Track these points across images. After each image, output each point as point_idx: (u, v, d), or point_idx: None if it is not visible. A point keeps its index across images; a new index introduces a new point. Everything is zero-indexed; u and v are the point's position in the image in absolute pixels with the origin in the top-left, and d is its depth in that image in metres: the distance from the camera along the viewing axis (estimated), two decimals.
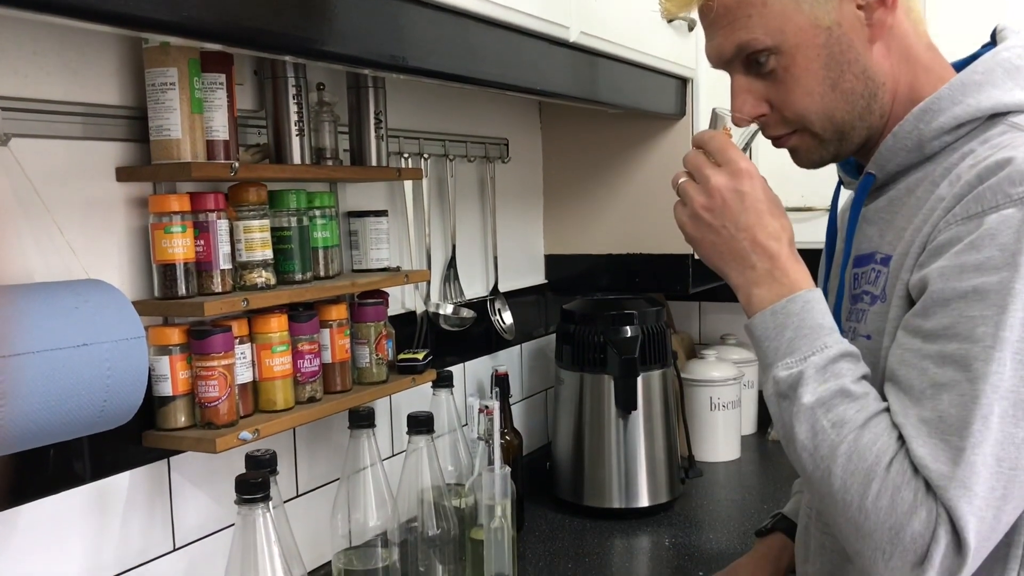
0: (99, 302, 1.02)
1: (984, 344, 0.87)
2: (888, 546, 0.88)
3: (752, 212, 1.01)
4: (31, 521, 1.10)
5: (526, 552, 1.79)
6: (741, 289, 1.02)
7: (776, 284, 0.99)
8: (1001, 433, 0.86)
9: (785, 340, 0.97)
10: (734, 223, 1.01)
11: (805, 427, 0.93)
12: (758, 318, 0.99)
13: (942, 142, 1.00)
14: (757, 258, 1.01)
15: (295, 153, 1.34)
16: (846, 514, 0.90)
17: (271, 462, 1.19)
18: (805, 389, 0.94)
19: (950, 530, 0.86)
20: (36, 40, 1.10)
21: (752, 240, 1.01)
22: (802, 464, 0.95)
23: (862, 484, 0.89)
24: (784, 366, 0.96)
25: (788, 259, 1.00)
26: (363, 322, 1.47)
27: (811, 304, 0.98)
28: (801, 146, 1.08)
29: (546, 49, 1.43)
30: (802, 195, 2.26)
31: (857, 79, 1.02)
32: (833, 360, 0.95)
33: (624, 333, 1.96)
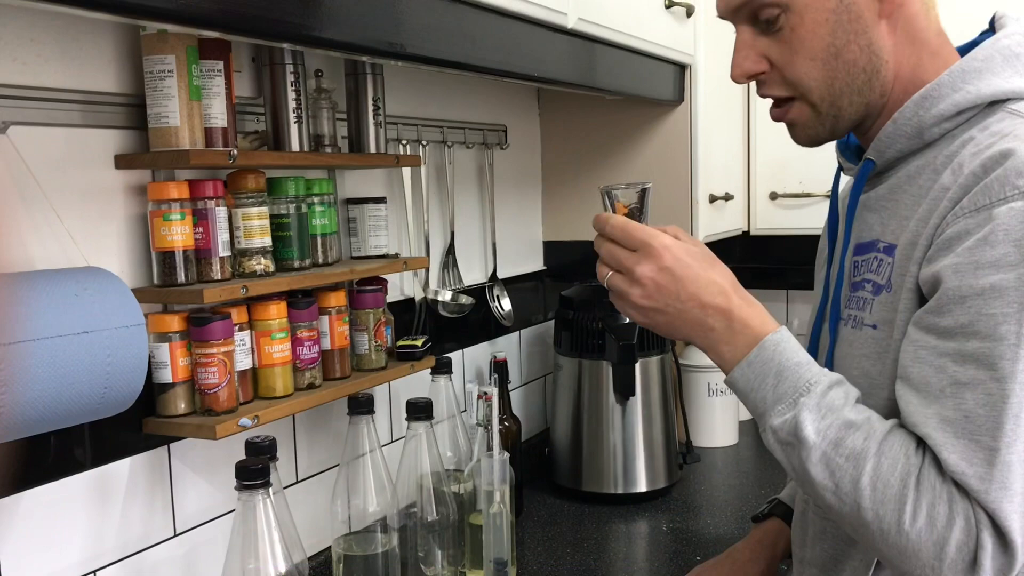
0: (99, 290, 1.02)
1: (1008, 342, 0.87)
2: (936, 561, 0.88)
3: (688, 281, 1.01)
4: (32, 507, 1.11)
5: (525, 537, 1.80)
6: (710, 351, 1.03)
7: (740, 336, 1.00)
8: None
9: (769, 387, 0.97)
10: (676, 298, 1.01)
11: (820, 468, 0.93)
12: (736, 373, 1.00)
13: (942, 129, 1.01)
14: (712, 319, 1.01)
15: (293, 140, 1.34)
16: (887, 541, 0.91)
17: (271, 448, 1.19)
18: (807, 431, 0.93)
19: (993, 532, 0.86)
20: (34, 27, 1.10)
21: (700, 305, 1.01)
22: (827, 503, 0.94)
23: (895, 510, 0.89)
24: (778, 413, 0.96)
25: (741, 308, 1.01)
26: (362, 309, 1.48)
27: (781, 345, 0.98)
28: (799, 119, 1.08)
29: (544, 35, 1.43)
30: (800, 181, 2.27)
31: (861, 51, 1.02)
32: (823, 394, 0.95)
33: (622, 319, 1.96)
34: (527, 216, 2.21)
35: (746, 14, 1.06)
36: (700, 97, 2.04)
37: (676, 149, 2.06)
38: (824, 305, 1.15)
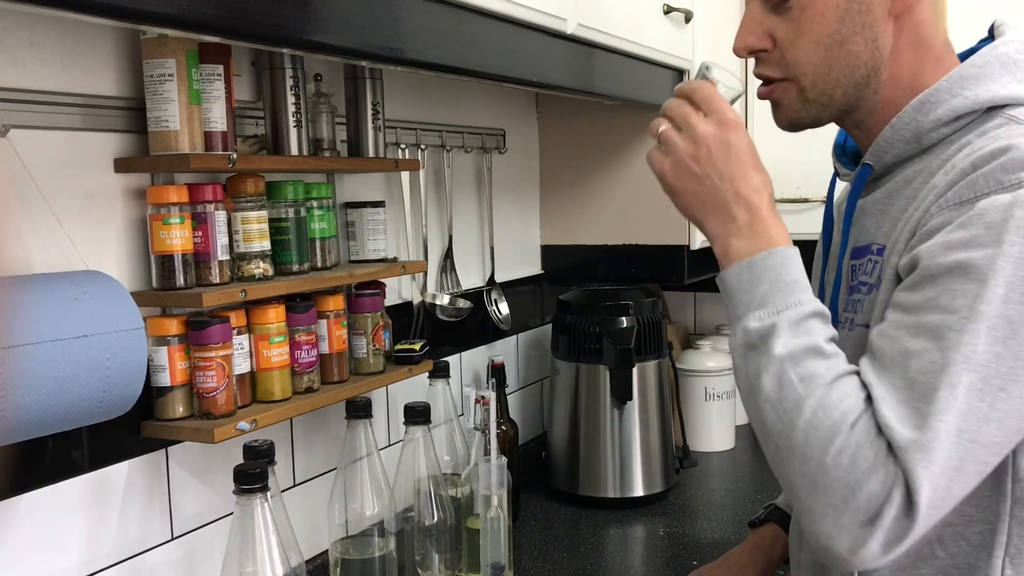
0: (98, 293, 1.03)
1: (960, 315, 0.87)
2: (841, 503, 0.88)
3: (736, 163, 1.00)
4: (30, 510, 1.11)
5: (522, 541, 1.80)
6: (719, 240, 1.01)
7: (755, 237, 0.99)
8: (966, 405, 0.86)
9: (759, 293, 0.96)
10: (718, 173, 1.00)
11: (772, 379, 0.93)
12: (734, 269, 0.99)
13: (939, 134, 1.01)
14: (739, 210, 1.00)
15: (293, 144, 1.34)
16: (803, 468, 0.90)
17: (269, 452, 1.19)
18: (777, 341, 0.93)
19: (904, 493, 0.86)
20: (34, 31, 1.10)
21: (735, 192, 1.00)
22: (763, 416, 0.94)
23: (824, 440, 0.89)
24: (756, 317, 0.95)
25: (769, 214, 1.00)
26: (360, 313, 1.48)
27: (788, 260, 0.97)
28: (784, 100, 1.08)
29: (543, 41, 1.44)
30: (798, 187, 2.27)
31: (866, 45, 1.02)
32: (806, 317, 0.94)
33: (620, 323, 1.96)
34: (525, 220, 2.22)
35: None
36: None
37: None
38: None
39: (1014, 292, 0.86)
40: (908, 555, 0.99)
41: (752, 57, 1.09)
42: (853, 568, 0.90)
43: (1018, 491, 0.94)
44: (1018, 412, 0.87)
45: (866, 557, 0.88)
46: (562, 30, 1.45)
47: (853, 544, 0.88)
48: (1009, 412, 0.87)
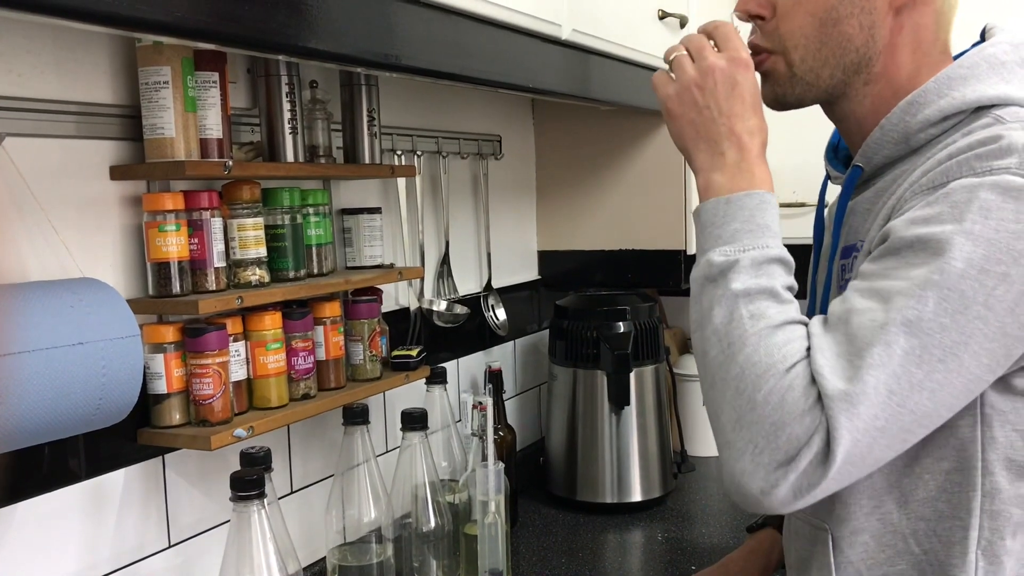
0: (94, 301, 1.03)
1: (912, 283, 0.87)
2: (763, 441, 0.88)
3: (738, 101, 1.01)
4: (27, 519, 1.11)
5: (520, 547, 1.80)
6: (703, 172, 1.02)
7: (739, 176, 0.99)
8: (901, 368, 0.86)
9: (730, 230, 0.97)
10: (718, 107, 1.01)
11: (724, 312, 0.94)
12: (711, 203, 0.99)
13: (927, 135, 1.01)
14: (729, 146, 1.00)
15: (288, 151, 1.34)
16: (734, 402, 0.91)
17: (266, 459, 1.19)
18: (736, 277, 0.94)
19: (824, 440, 0.86)
20: (30, 39, 1.10)
21: (730, 128, 1.01)
22: (707, 347, 0.95)
23: (759, 376, 0.89)
24: (721, 252, 0.96)
25: (757, 157, 1.01)
26: (357, 319, 1.48)
27: (765, 204, 0.98)
28: (774, 72, 1.08)
29: (538, 47, 1.44)
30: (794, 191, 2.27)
31: (861, 31, 1.03)
32: (770, 260, 0.95)
33: (617, 328, 1.97)
34: (522, 226, 2.22)
35: None
36: None
37: (670, 158, 2.07)
38: (811, 312, 1.16)
39: (972, 268, 0.86)
40: (884, 549, 1.00)
41: (749, 22, 1.09)
42: (763, 509, 0.91)
43: (987, 485, 0.95)
44: (954, 387, 0.87)
45: (775, 499, 0.88)
46: (557, 36, 1.45)
47: (765, 484, 0.88)
48: (944, 385, 0.87)
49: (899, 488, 0.98)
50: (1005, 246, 0.86)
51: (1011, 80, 1.00)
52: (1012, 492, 0.95)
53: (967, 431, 0.95)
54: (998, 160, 0.89)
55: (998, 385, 0.93)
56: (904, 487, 0.98)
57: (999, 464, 0.95)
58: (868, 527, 1.00)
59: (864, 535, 1.00)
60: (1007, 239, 0.86)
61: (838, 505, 1.02)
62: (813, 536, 1.06)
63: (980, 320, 0.86)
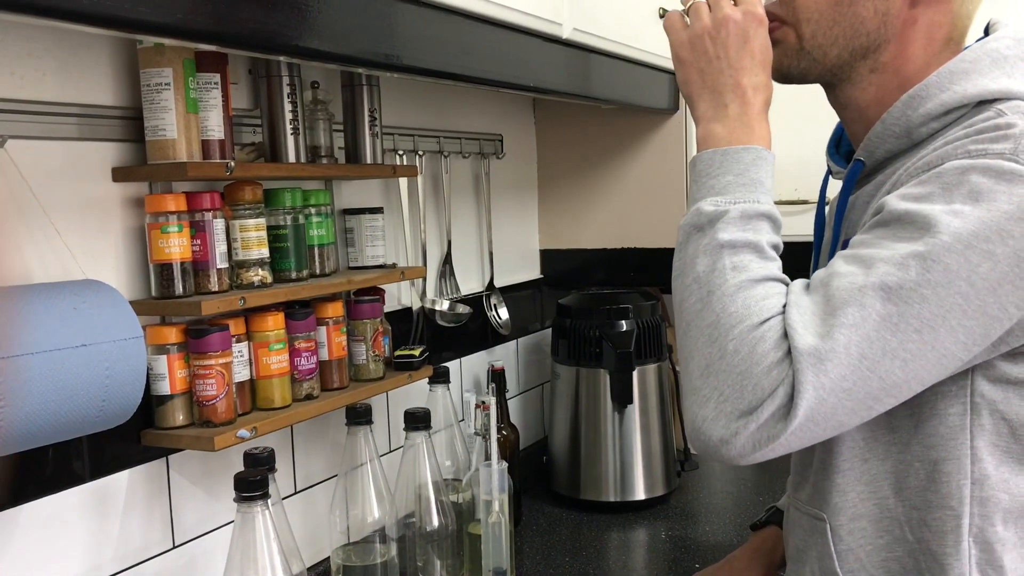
0: (97, 302, 1.03)
1: (896, 253, 0.87)
2: (728, 390, 0.88)
3: (748, 56, 1.02)
4: (31, 520, 1.11)
5: (524, 546, 1.80)
6: (704, 122, 1.03)
7: (739, 129, 1.00)
8: (875, 332, 0.86)
9: (723, 182, 0.98)
10: (727, 58, 1.02)
11: (707, 261, 0.94)
12: (708, 153, 1.00)
13: (929, 128, 1.01)
14: (733, 99, 1.01)
15: (290, 152, 1.34)
16: (704, 350, 0.91)
17: (269, 460, 1.19)
18: (723, 228, 0.94)
19: (788, 394, 0.86)
20: (31, 41, 1.10)
21: (736, 81, 1.01)
22: (686, 294, 0.95)
23: (732, 326, 0.90)
24: (712, 202, 0.97)
25: (759, 113, 1.01)
26: (359, 319, 1.48)
27: (761, 160, 0.99)
28: (784, 41, 1.08)
29: (539, 46, 1.44)
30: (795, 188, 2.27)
31: (874, 15, 1.03)
32: (759, 215, 0.96)
33: (619, 327, 1.97)
34: (524, 225, 2.22)
35: None
36: None
37: (671, 157, 2.07)
38: None
39: (959, 243, 0.86)
40: (882, 535, 1.00)
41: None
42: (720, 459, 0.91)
43: (977, 472, 0.95)
44: (926, 360, 0.87)
45: (733, 449, 0.89)
46: (558, 35, 1.45)
47: (725, 432, 0.89)
48: (917, 356, 0.86)
49: (894, 474, 0.99)
50: (995, 225, 0.86)
51: (1013, 75, 1.00)
52: (998, 477, 0.95)
53: (956, 419, 0.96)
54: (993, 144, 0.90)
55: (989, 374, 0.94)
56: (898, 474, 0.99)
57: (986, 451, 0.95)
58: (866, 512, 1.01)
59: (863, 520, 1.01)
60: (997, 218, 0.86)
61: (835, 494, 1.02)
62: (811, 526, 1.07)
63: (961, 296, 0.86)
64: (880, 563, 1.01)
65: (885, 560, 1.00)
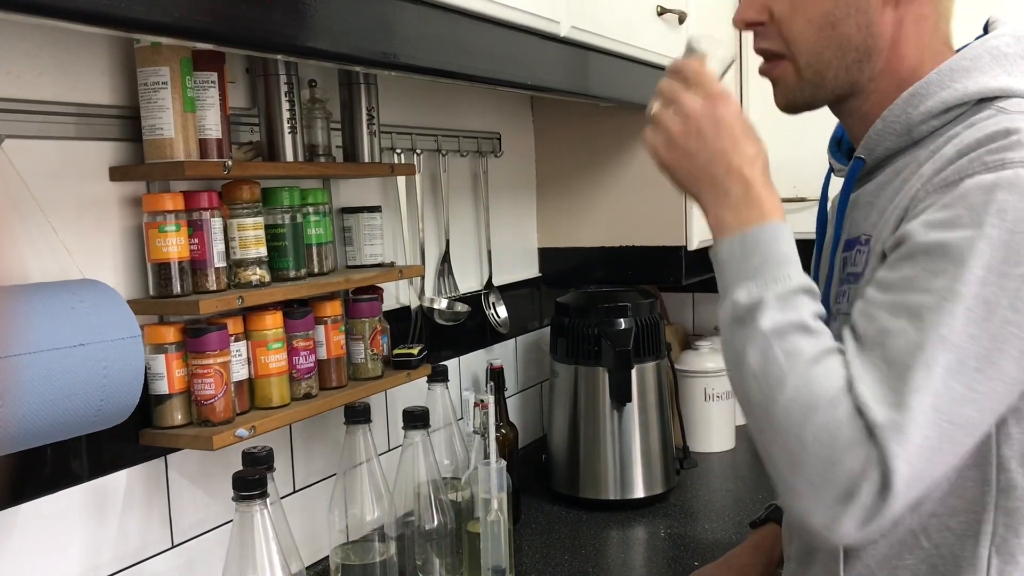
0: (95, 302, 1.03)
1: (938, 296, 0.87)
2: (819, 479, 0.88)
3: (727, 137, 1.00)
4: (30, 520, 1.11)
5: (523, 544, 1.80)
6: (711, 212, 1.01)
7: (748, 210, 0.99)
8: (943, 385, 0.86)
9: (750, 267, 0.96)
10: (709, 149, 1.00)
11: (757, 353, 0.93)
12: (726, 242, 0.99)
13: (930, 126, 1.01)
14: (731, 183, 1.00)
15: (288, 150, 1.34)
16: (784, 444, 0.90)
17: (268, 459, 1.19)
18: (764, 316, 0.93)
19: (880, 472, 0.86)
20: (28, 40, 1.10)
21: (727, 165, 1.00)
22: (746, 391, 0.94)
23: (804, 414, 0.89)
24: (745, 290, 0.95)
25: (762, 186, 1.00)
26: (358, 318, 1.48)
27: (780, 235, 0.98)
28: (783, 79, 1.08)
29: (537, 44, 1.44)
30: (794, 186, 2.27)
31: (858, 30, 1.03)
32: (795, 292, 0.94)
33: (618, 325, 1.96)
34: (522, 223, 2.22)
35: None
36: None
37: None
38: None
39: (992, 274, 0.86)
40: (892, 545, 0.99)
41: (750, 30, 1.09)
42: (832, 544, 0.91)
43: (1002, 481, 0.94)
44: (995, 393, 0.87)
45: (842, 533, 0.88)
46: (556, 33, 1.45)
47: (829, 520, 0.88)
48: (986, 393, 0.87)
49: None
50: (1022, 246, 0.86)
51: (1013, 72, 1.00)
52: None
53: None
54: (1010, 153, 0.89)
55: None
56: None
57: (1015, 460, 0.94)
58: None
59: None
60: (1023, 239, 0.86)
61: None
62: None
63: (1009, 323, 0.86)
64: (890, 570, 0.99)
65: (895, 568, 0.99)
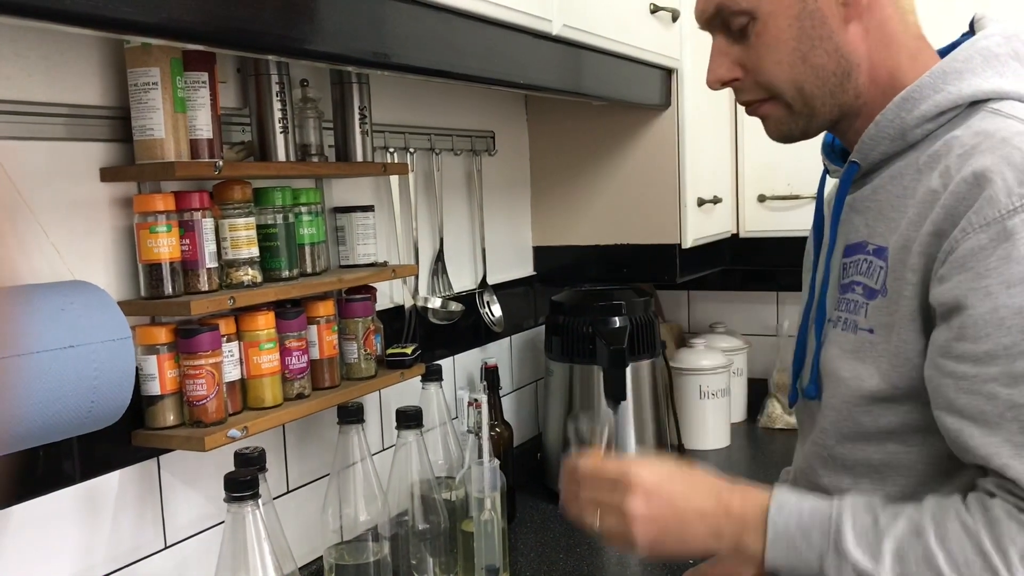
0: (85, 303, 1.02)
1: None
2: None
3: (679, 498, 1.01)
4: (22, 522, 1.11)
5: (518, 543, 1.80)
6: (730, 549, 1.01)
7: (747, 526, 0.99)
8: None
9: (804, 550, 0.96)
10: (675, 519, 1.01)
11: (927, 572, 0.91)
12: (769, 556, 0.97)
13: (924, 130, 1.01)
14: (717, 524, 1.00)
15: (280, 150, 1.34)
16: None
17: (260, 459, 1.19)
18: (866, 566, 0.92)
19: None
20: (17, 41, 1.10)
21: (700, 515, 1.00)
22: None
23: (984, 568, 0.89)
24: (832, 567, 0.94)
25: (734, 501, 1.00)
26: (351, 318, 1.48)
27: (785, 509, 0.98)
28: (772, 115, 1.09)
29: (529, 43, 1.44)
30: (788, 183, 2.27)
31: (829, 56, 1.03)
32: (852, 527, 0.94)
33: (613, 323, 1.96)
34: (516, 222, 2.22)
35: (719, 24, 1.09)
36: (687, 101, 2.04)
37: (664, 153, 2.07)
38: (810, 307, 1.16)
39: None
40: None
41: (726, 88, 1.11)
42: None
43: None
44: None
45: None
46: (547, 31, 1.45)
47: None
48: None
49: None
50: None
51: (1005, 73, 1.00)
52: None
53: None
54: None
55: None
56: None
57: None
58: None
59: None
60: None
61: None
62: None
63: None
64: None
65: None
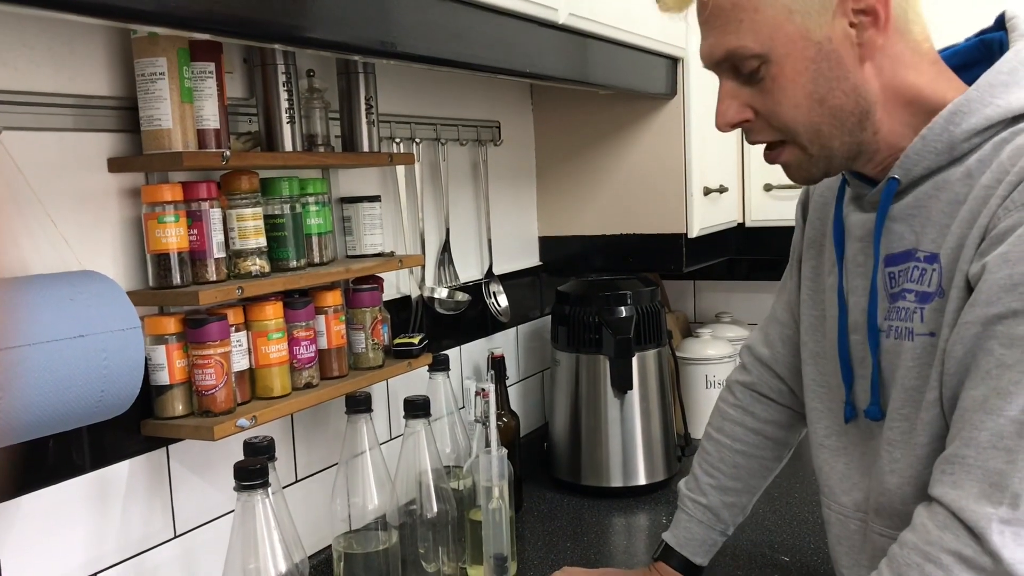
0: (94, 293, 1.03)
1: None
2: None
3: None
4: (32, 511, 1.11)
5: (525, 532, 1.81)
6: None
7: None
8: None
9: None
10: None
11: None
12: None
13: (971, 144, 1.00)
14: None
15: (286, 140, 1.34)
16: None
17: (269, 448, 1.19)
18: None
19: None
20: (25, 32, 1.10)
21: None
22: None
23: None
24: None
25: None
26: (358, 308, 1.48)
27: None
28: (792, 161, 1.08)
29: (536, 31, 1.43)
30: None
31: (847, 96, 1.02)
32: None
33: (619, 313, 1.96)
34: (522, 212, 2.22)
35: (728, 66, 1.06)
36: (693, 90, 2.04)
37: (670, 142, 2.07)
38: (844, 319, 1.15)
39: None
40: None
41: (736, 129, 1.09)
42: None
43: None
44: None
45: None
46: (554, 20, 1.44)
47: None
48: None
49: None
50: None
51: None
52: None
53: None
54: None
55: None
56: None
57: None
58: None
59: None
60: None
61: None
62: None
63: None
64: None
65: None
